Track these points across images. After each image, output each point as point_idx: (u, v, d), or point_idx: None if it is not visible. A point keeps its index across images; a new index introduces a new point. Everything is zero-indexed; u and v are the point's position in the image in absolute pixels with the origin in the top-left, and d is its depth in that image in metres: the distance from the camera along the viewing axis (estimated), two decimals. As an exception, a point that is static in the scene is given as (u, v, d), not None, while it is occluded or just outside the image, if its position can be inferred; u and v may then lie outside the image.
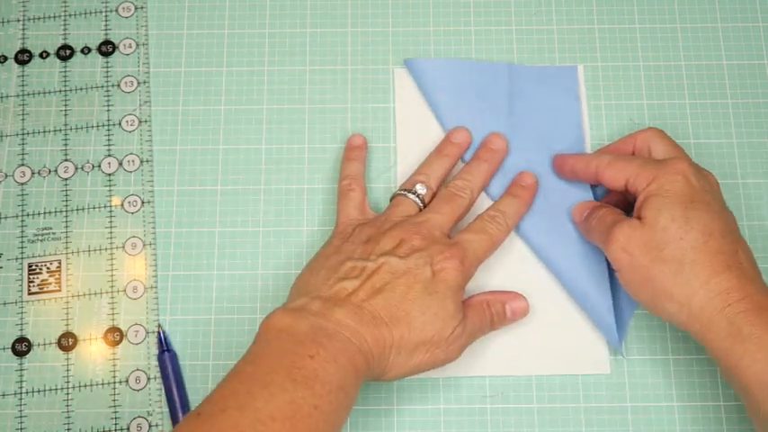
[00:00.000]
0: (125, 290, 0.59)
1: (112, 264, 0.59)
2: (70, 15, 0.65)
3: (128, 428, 0.56)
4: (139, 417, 0.56)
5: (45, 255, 0.59)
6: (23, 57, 0.64)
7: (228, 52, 0.64)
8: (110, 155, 0.62)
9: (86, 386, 0.57)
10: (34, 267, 0.59)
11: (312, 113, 0.63)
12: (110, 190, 0.61)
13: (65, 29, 0.64)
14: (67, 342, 0.57)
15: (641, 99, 0.63)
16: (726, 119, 0.62)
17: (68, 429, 0.56)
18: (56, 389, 0.57)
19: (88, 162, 0.61)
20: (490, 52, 0.64)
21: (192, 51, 0.64)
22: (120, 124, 0.62)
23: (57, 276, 0.59)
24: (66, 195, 0.60)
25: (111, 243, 0.60)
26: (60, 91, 0.63)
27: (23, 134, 0.62)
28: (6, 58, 0.64)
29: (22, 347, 0.57)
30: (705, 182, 0.52)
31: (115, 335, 0.58)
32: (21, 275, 0.59)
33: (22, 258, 0.59)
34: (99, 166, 0.61)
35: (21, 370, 0.57)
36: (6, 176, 0.61)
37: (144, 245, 0.59)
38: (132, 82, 0.63)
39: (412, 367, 0.51)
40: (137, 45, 0.64)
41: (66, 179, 0.61)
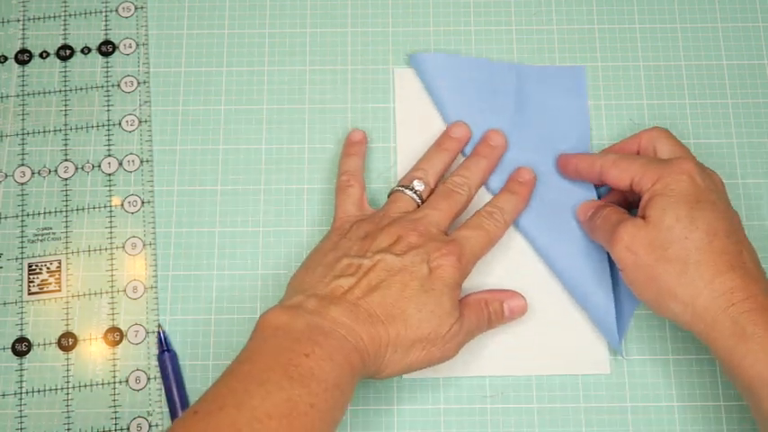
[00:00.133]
0: (125, 290, 0.59)
1: (112, 264, 0.59)
2: (70, 15, 0.65)
3: (128, 428, 0.56)
4: (139, 417, 0.56)
5: (45, 255, 0.59)
6: (23, 57, 0.64)
7: (228, 52, 0.64)
8: (110, 155, 0.62)
9: (86, 386, 0.57)
10: (34, 267, 0.59)
11: (312, 113, 0.63)
12: (110, 190, 0.61)
13: (65, 29, 0.64)
14: (67, 342, 0.57)
15: (641, 99, 0.63)
16: (726, 119, 0.62)
17: (68, 429, 0.56)
18: (56, 389, 0.57)
19: (88, 162, 0.61)
20: (490, 52, 0.64)
21: (192, 51, 0.64)
22: (120, 124, 0.62)
23: (57, 276, 0.59)
24: (66, 195, 0.61)
25: (111, 243, 0.60)
26: (60, 91, 0.63)
27: (23, 134, 0.62)
28: (6, 58, 0.64)
29: (22, 347, 0.57)
30: (710, 181, 0.52)
31: (115, 335, 0.58)
32: (21, 275, 0.59)
33: (22, 258, 0.59)
34: (99, 166, 0.61)
35: (21, 370, 0.57)
36: (6, 176, 0.61)
37: (144, 245, 0.59)
38: (132, 82, 0.63)
39: (408, 365, 0.51)
40: (137, 45, 0.64)
41: (66, 179, 0.61)
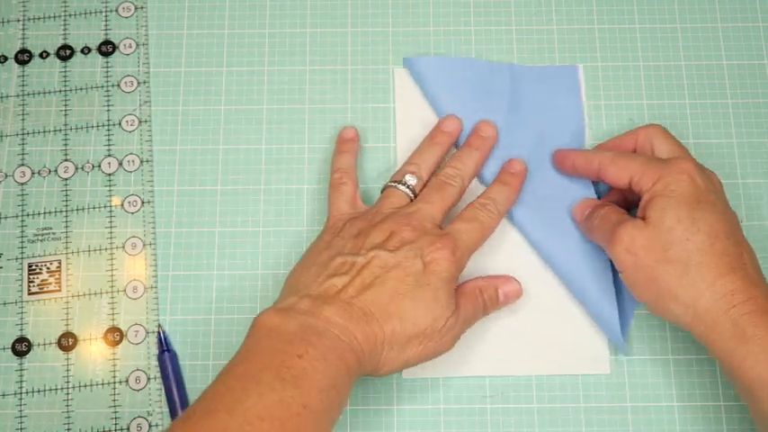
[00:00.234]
0: (125, 290, 0.59)
1: (112, 264, 0.59)
2: (70, 15, 0.65)
3: (128, 428, 0.56)
4: (139, 417, 0.56)
5: (45, 255, 0.59)
6: (23, 57, 0.64)
7: (228, 52, 0.64)
8: (110, 155, 0.62)
9: (86, 386, 0.57)
10: (34, 267, 0.59)
11: (312, 113, 0.63)
12: (110, 190, 0.61)
13: (65, 29, 0.64)
14: (67, 342, 0.57)
15: (641, 99, 0.63)
16: (726, 119, 0.62)
17: (68, 429, 0.56)
18: (56, 389, 0.57)
19: (88, 162, 0.61)
20: (490, 52, 0.64)
21: (192, 51, 0.64)
22: (120, 124, 0.62)
23: (57, 276, 0.59)
24: (66, 195, 0.60)
25: (111, 243, 0.60)
26: (60, 91, 0.63)
27: (23, 134, 0.62)
28: (6, 58, 0.64)
29: (22, 347, 0.57)
30: (709, 182, 0.52)
31: (115, 335, 0.58)
32: (21, 275, 0.59)
33: (22, 258, 0.59)
34: (99, 166, 0.61)
35: (21, 370, 0.57)
36: (6, 176, 0.61)
37: (144, 245, 0.59)
38: (132, 82, 0.63)
39: (405, 361, 0.51)
40: (137, 45, 0.64)
41: (66, 179, 0.61)
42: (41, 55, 0.64)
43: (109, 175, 0.61)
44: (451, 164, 0.57)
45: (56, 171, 0.61)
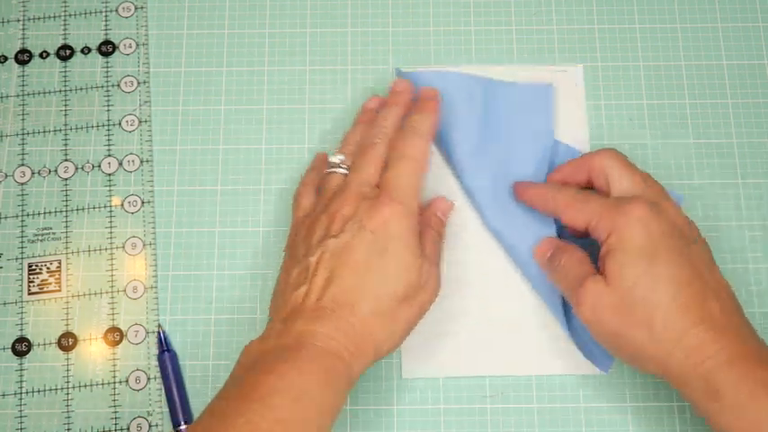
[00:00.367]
0: (125, 290, 0.59)
1: (112, 264, 0.59)
2: (70, 15, 0.65)
3: (128, 428, 0.56)
4: (139, 417, 0.56)
5: (45, 255, 0.59)
6: (23, 57, 0.64)
7: (228, 52, 0.64)
8: (110, 155, 0.62)
9: (86, 386, 0.57)
10: (34, 267, 0.59)
11: (312, 113, 0.63)
12: (110, 190, 0.61)
13: (65, 29, 0.64)
14: (67, 342, 0.57)
15: (641, 99, 0.63)
16: (726, 119, 0.62)
17: (68, 429, 0.56)
18: (56, 389, 0.57)
19: (88, 162, 0.61)
20: (490, 52, 0.64)
21: (192, 51, 0.64)
22: (120, 124, 0.62)
23: (57, 276, 0.59)
24: (66, 195, 0.60)
25: (111, 243, 0.60)
26: (60, 91, 0.63)
27: (23, 134, 0.62)
28: (6, 58, 0.64)
29: (22, 347, 0.57)
30: (665, 222, 0.50)
31: (115, 335, 0.58)
32: (21, 275, 0.59)
33: (22, 258, 0.59)
34: (99, 166, 0.61)
35: (21, 370, 0.57)
36: (6, 176, 0.61)
37: (144, 245, 0.59)
38: (132, 82, 0.63)
39: (405, 325, 0.50)
40: (137, 45, 0.64)
41: (66, 179, 0.61)
42: (41, 55, 0.64)
43: (109, 175, 0.61)
44: (372, 125, 0.56)
45: (56, 171, 0.61)
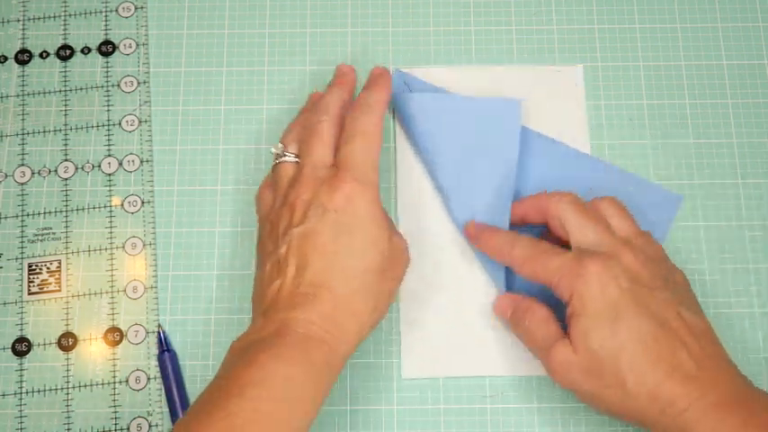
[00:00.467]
0: (125, 290, 0.59)
1: (112, 264, 0.59)
2: (70, 15, 0.65)
3: (128, 428, 0.56)
4: (139, 417, 0.56)
5: (45, 255, 0.59)
6: (23, 57, 0.64)
7: (228, 52, 0.64)
8: (110, 155, 0.62)
9: (86, 386, 0.57)
10: (34, 267, 0.59)
11: (312, 113, 0.62)
12: (110, 190, 0.61)
13: (65, 29, 0.64)
14: (67, 342, 0.57)
15: (641, 99, 0.63)
16: (726, 119, 0.62)
17: (68, 429, 0.56)
18: (56, 389, 0.57)
19: (88, 162, 0.61)
20: (490, 52, 0.64)
21: (192, 51, 0.64)
22: (120, 124, 0.62)
23: (57, 276, 0.59)
24: (66, 195, 0.60)
25: (111, 243, 0.60)
26: (60, 91, 0.63)
27: (23, 134, 0.62)
28: (6, 58, 0.64)
29: (22, 347, 0.57)
30: (623, 276, 0.49)
31: (115, 335, 0.58)
32: (21, 275, 0.59)
33: (22, 258, 0.59)
34: (99, 166, 0.61)
35: (21, 370, 0.57)
36: (6, 176, 0.61)
37: (144, 245, 0.59)
38: (132, 82, 0.63)
39: (385, 298, 0.51)
40: (137, 45, 0.64)
41: (66, 179, 0.61)
42: (41, 55, 0.64)
43: (109, 175, 0.61)
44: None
45: (56, 171, 0.61)
